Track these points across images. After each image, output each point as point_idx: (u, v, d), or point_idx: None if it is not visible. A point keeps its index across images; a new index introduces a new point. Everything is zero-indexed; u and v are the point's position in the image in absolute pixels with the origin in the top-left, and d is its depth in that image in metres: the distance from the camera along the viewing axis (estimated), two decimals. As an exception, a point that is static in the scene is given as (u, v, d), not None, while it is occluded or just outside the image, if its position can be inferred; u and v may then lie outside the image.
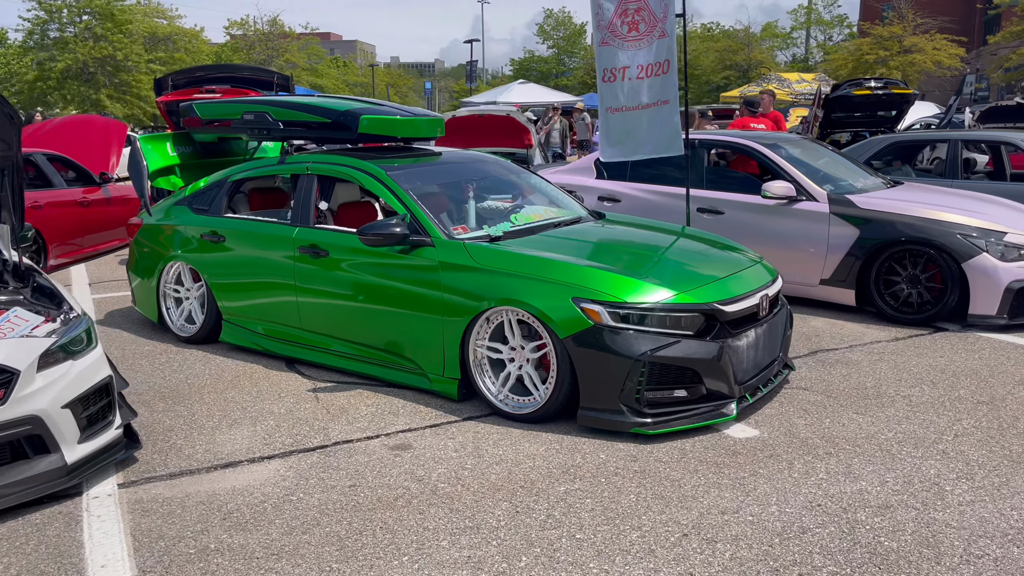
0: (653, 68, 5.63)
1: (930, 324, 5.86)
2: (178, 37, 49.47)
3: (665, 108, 5.71)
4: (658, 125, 5.76)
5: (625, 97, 5.85)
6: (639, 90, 5.75)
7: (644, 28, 5.54)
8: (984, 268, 5.64)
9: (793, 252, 6.41)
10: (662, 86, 5.67)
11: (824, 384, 4.63)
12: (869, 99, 13.16)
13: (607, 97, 6.05)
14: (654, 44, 5.58)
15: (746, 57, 56.23)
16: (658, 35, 5.54)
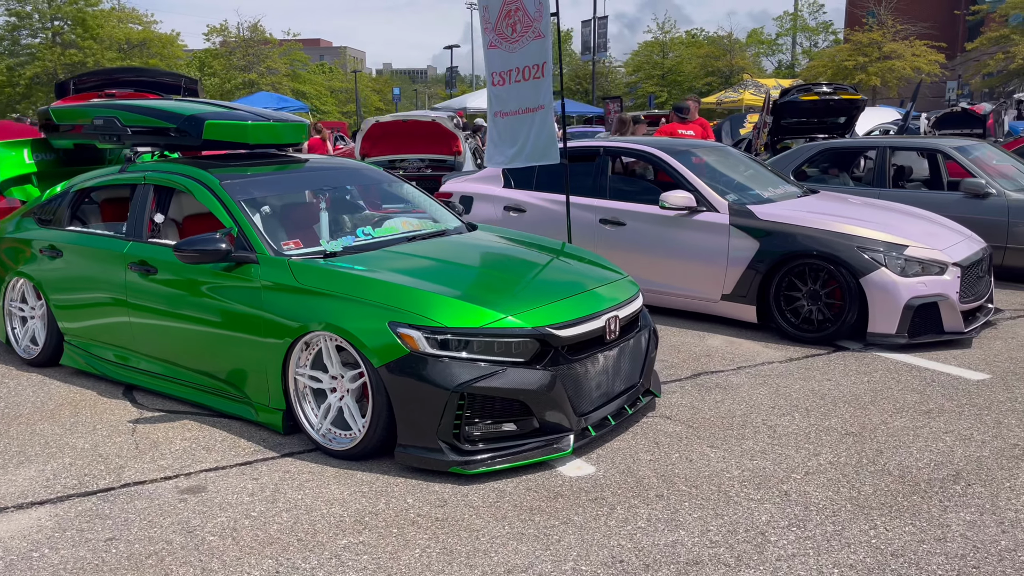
0: (531, 71, 5.28)
1: (831, 343, 5.52)
2: (152, 43, 48.94)
3: (540, 114, 5.36)
4: (535, 131, 5.41)
5: (509, 101, 5.51)
6: (519, 94, 5.41)
7: (520, 28, 5.20)
8: (882, 284, 5.30)
9: (694, 266, 6.07)
10: (537, 90, 5.33)
11: (690, 412, 4.28)
12: (817, 105, 12.87)
13: (495, 101, 5.70)
14: (529, 45, 5.23)
15: (728, 63, 56.24)
16: (533, 36, 5.20)
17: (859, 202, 6.54)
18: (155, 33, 49.45)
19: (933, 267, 5.37)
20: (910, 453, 3.69)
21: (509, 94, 5.47)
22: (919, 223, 5.97)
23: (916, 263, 5.35)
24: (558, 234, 6.76)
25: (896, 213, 6.21)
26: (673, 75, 59.62)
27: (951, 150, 7.74)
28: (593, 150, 6.85)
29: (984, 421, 4.06)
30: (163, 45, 49.43)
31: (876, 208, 6.32)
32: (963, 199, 7.48)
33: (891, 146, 8.14)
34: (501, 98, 5.58)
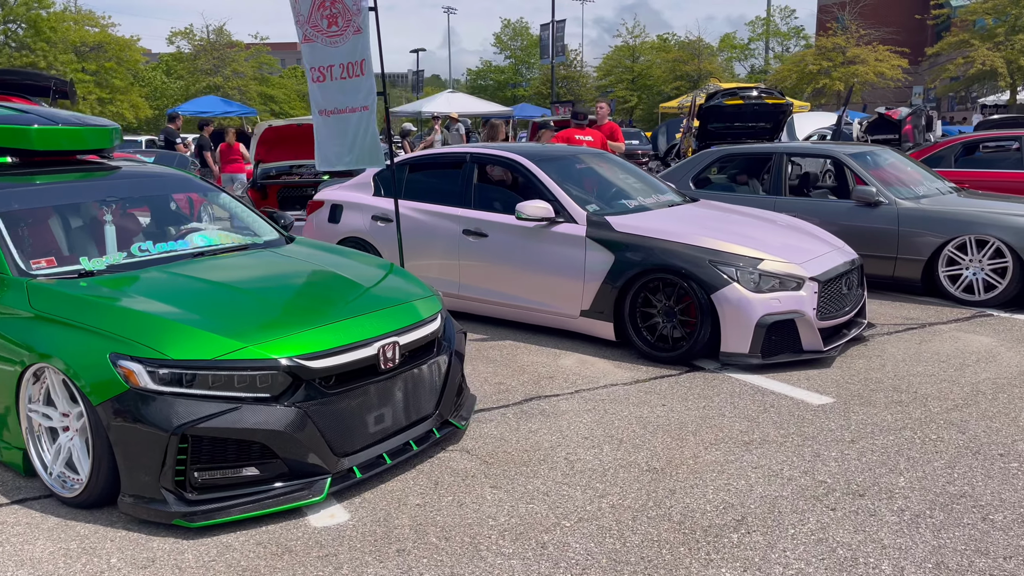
0: (353, 67, 4.91)
1: (687, 362, 5.19)
2: (110, 45, 48.00)
3: (365, 114, 4.99)
4: (360, 132, 5.04)
5: (332, 99, 5.13)
6: (343, 92, 5.03)
7: (341, 22, 4.82)
8: (733, 300, 4.97)
9: (553, 280, 5.71)
10: (359, 89, 4.95)
11: (494, 445, 3.91)
12: (743, 109, 12.65)
13: (318, 98, 5.31)
14: (349, 40, 4.85)
15: (696, 67, 56.37)
16: (353, 31, 4.82)
17: (735, 212, 6.23)
18: (112, 36, 48.49)
19: (790, 282, 5.05)
20: (704, 494, 3.34)
21: (332, 91, 5.09)
22: (787, 235, 5.65)
23: (772, 278, 5.03)
24: (424, 246, 6.41)
25: (766, 224, 5.90)
26: (643, 79, 59.72)
27: (844, 157, 7.46)
28: (460, 156, 6.49)
29: (802, 454, 3.73)
30: (120, 48, 48.50)
31: (747, 219, 6.01)
32: (855, 208, 7.20)
33: (787, 152, 7.85)
34: (324, 95, 5.19)
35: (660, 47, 62.75)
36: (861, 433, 3.96)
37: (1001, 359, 5.16)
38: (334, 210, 7.03)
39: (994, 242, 6.48)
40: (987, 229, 6.54)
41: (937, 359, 5.19)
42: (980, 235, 6.56)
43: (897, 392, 4.56)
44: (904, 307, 6.65)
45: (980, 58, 40.44)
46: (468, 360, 5.32)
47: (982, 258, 6.58)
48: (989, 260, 6.55)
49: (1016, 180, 9.13)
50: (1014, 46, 40.18)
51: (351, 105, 5.04)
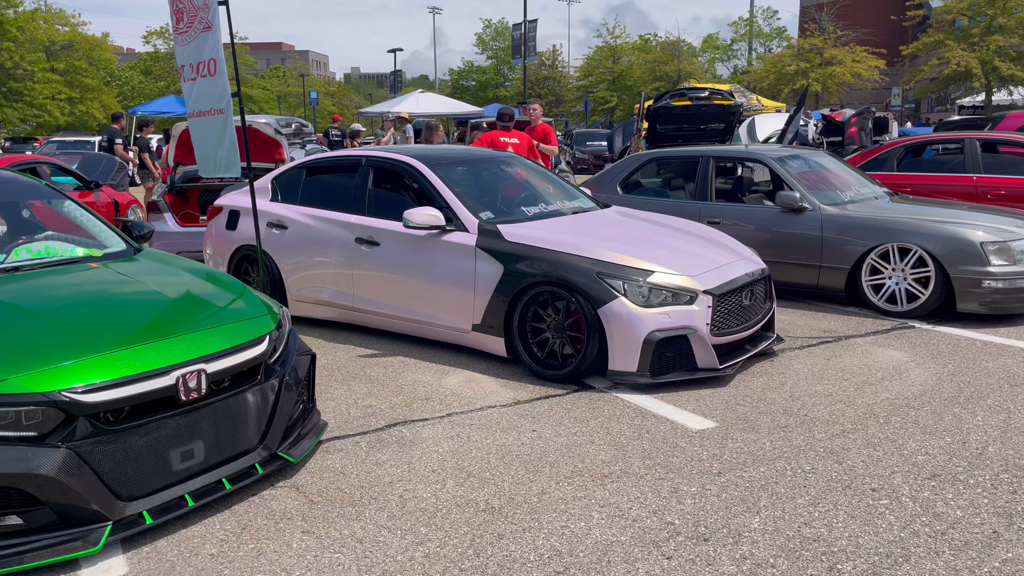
0: (204, 67, 4.56)
1: (578, 380, 4.87)
2: (80, 44, 47.28)
3: (220, 119, 4.64)
4: (217, 137, 4.69)
5: (198, 100, 4.77)
6: (203, 92, 4.68)
7: (187, 18, 4.47)
8: (620, 315, 4.65)
9: (444, 292, 5.37)
10: (212, 91, 4.61)
11: (329, 480, 3.57)
12: (689, 111, 12.39)
13: (189, 99, 4.95)
14: (198, 38, 4.50)
15: (676, 68, 56.30)
16: (202, 27, 4.47)
17: (642, 221, 5.91)
18: (82, 35, 47.78)
19: (682, 295, 4.73)
20: (535, 539, 3.02)
21: (196, 92, 4.74)
22: (690, 245, 5.34)
23: (663, 291, 4.71)
24: (318, 255, 6.04)
25: (671, 234, 5.58)
26: (623, 80, 59.60)
27: (771, 160, 7.16)
28: (356, 160, 6.13)
29: (660, 489, 3.41)
30: (91, 47, 47.79)
31: (652, 228, 5.70)
32: (780, 214, 6.91)
33: (714, 156, 7.55)
34: (192, 96, 4.84)
35: (641, 48, 62.71)
36: (732, 463, 3.65)
37: (907, 377, 4.86)
38: (231, 216, 6.66)
39: (916, 250, 6.20)
40: (909, 237, 6.25)
41: (841, 377, 4.89)
42: (902, 243, 6.27)
43: (787, 415, 4.26)
44: (825, 318, 6.36)
45: (955, 59, 40.44)
46: (344, 380, 4.98)
47: (904, 267, 6.30)
48: (912, 269, 6.27)
49: (959, 184, 8.89)
50: (989, 47, 40.20)
51: (214, 107, 4.69)
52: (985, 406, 4.32)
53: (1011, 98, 42.89)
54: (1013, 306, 6.02)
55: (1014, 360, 5.13)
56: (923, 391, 4.60)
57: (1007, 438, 3.87)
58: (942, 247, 6.10)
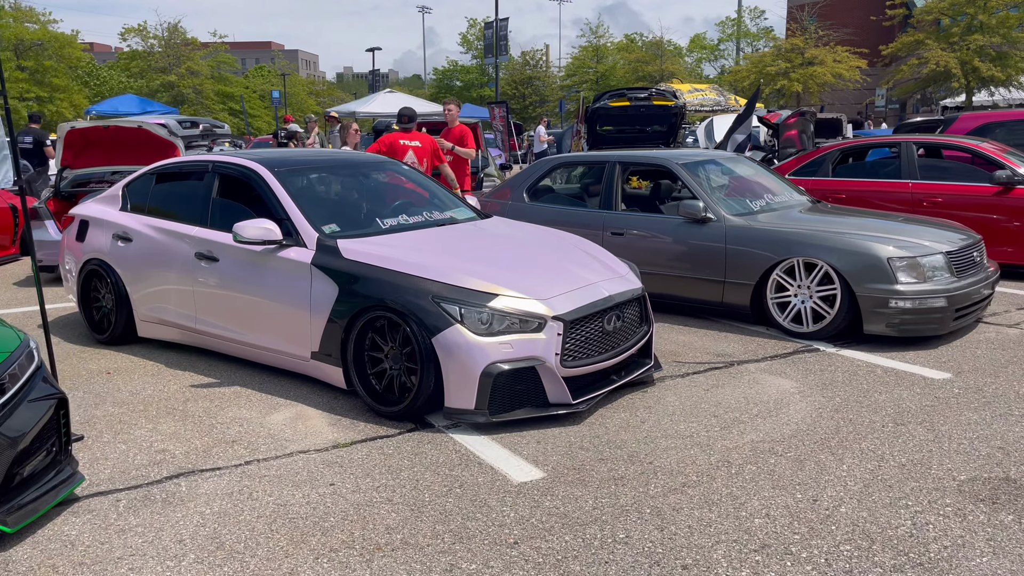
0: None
1: (417, 417, 4.32)
2: (49, 43, 46.47)
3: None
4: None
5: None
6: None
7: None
8: (455, 345, 4.10)
9: (281, 315, 4.80)
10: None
11: (47, 555, 2.98)
12: (629, 112, 11.85)
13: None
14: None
15: (658, 68, 55.95)
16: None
17: (512, 234, 5.36)
18: (53, 33, 46.96)
19: (529, 322, 4.19)
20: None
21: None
22: (554, 262, 4.78)
23: (506, 317, 4.16)
24: (161, 272, 5.46)
25: (538, 250, 5.03)
26: (606, 80, 59.17)
27: (676, 166, 6.63)
28: (202, 166, 5.56)
29: (432, 568, 2.86)
30: (60, 46, 46.93)
31: (518, 242, 5.15)
32: (684, 224, 6.37)
33: (620, 161, 7.00)
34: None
35: (624, 48, 62.34)
36: (536, 529, 3.11)
37: (786, 412, 4.34)
38: (81, 227, 6.09)
39: (822, 266, 5.67)
40: (815, 251, 5.73)
41: (713, 412, 4.36)
42: (808, 258, 5.74)
43: (629, 463, 3.72)
44: (726, 340, 5.83)
45: (933, 59, 40.05)
46: (156, 416, 4.42)
47: (810, 284, 5.78)
48: (818, 287, 5.74)
49: (895, 191, 8.40)
50: (969, 46, 39.82)
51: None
52: (858, 451, 3.80)
53: (992, 99, 42.54)
54: (924, 328, 5.50)
55: (910, 392, 4.61)
56: (796, 431, 4.07)
57: (867, 495, 3.34)
58: (848, 263, 5.57)
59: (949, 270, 5.59)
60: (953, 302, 5.48)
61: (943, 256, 5.59)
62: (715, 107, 28.97)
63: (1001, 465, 3.60)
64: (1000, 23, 39.75)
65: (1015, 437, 3.92)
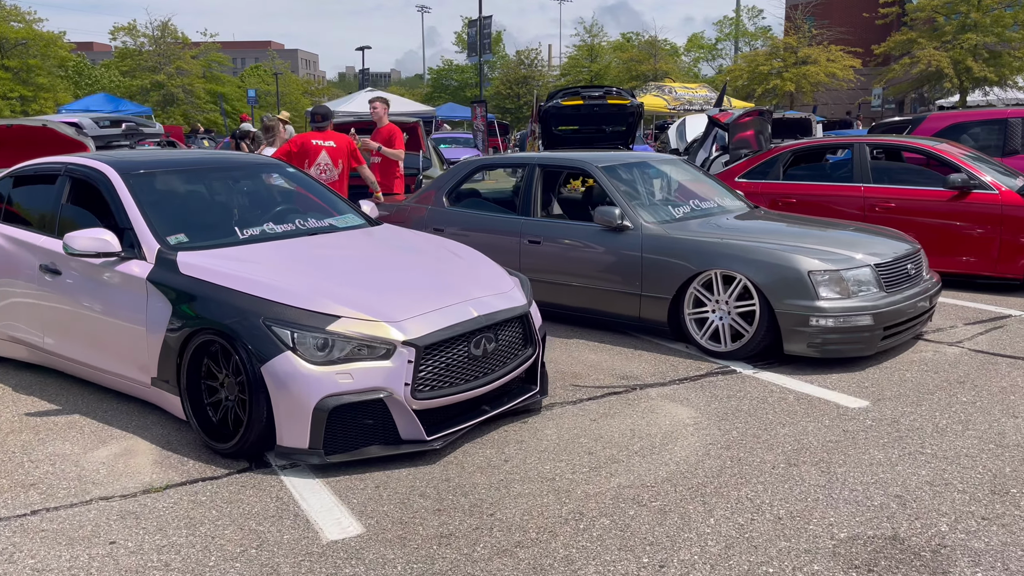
0: None
1: (255, 455, 3.83)
2: (34, 42, 46.01)
3: None
4: None
5: None
6: None
7: None
8: (284, 375, 3.60)
9: (120, 335, 4.29)
10: None
11: None
12: (582, 111, 11.36)
13: None
14: None
15: (652, 67, 55.54)
16: None
17: (388, 244, 4.86)
18: (37, 32, 46.50)
19: (376, 348, 3.69)
20: None
21: None
22: (424, 277, 4.28)
23: (349, 342, 3.65)
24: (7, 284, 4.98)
25: (414, 261, 4.55)
26: (600, 79, 58.76)
27: (595, 169, 6.13)
28: (56, 169, 5.06)
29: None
30: (45, 45, 46.44)
31: (391, 254, 4.67)
32: (601, 232, 5.88)
33: (540, 164, 6.51)
34: None
35: (619, 47, 61.91)
36: (318, 606, 2.62)
37: (672, 447, 3.84)
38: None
39: (740, 279, 5.18)
40: (732, 263, 5.23)
41: (591, 447, 3.87)
42: (726, 270, 5.25)
43: (468, 515, 3.22)
44: (638, 359, 5.34)
45: (925, 58, 39.48)
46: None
47: (728, 299, 5.28)
48: (736, 302, 5.25)
49: (846, 195, 7.90)
50: (962, 45, 39.22)
51: None
52: (734, 499, 3.30)
53: (986, 99, 41.92)
54: (848, 348, 5.01)
55: (817, 424, 4.12)
56: (673, 472, 3.58)
57: (724, 559, 2.85)
58: (767, 276, 5.07)
59: (878, 284, 5.09)
60: (881, 320, 4.98)
61: (871, 269, 5.09)
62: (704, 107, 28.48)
63: (892, 519, 3.11)
64: (995, 22, 39.21)
65: (918, 482, 3.43)
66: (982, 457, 3.67)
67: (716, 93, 33.51)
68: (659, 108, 33.12)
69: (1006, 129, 9.88)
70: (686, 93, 35.85)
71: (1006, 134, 9.88)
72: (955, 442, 3.84)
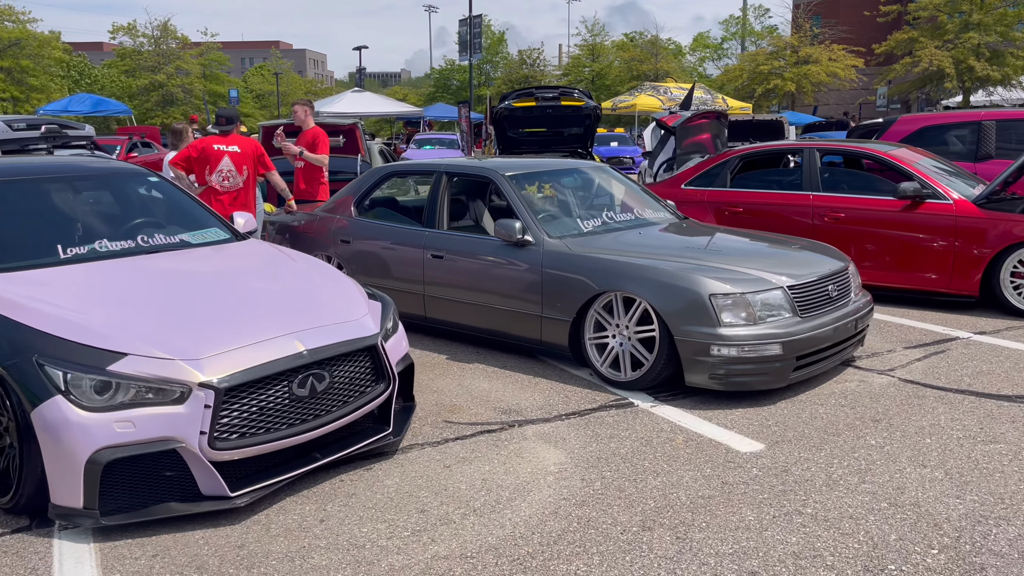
0: None
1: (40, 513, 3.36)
2: (27, 42, 45.82)
3: None
4: None
5: None
6: None
7: None
8: (55, 422, 3.10)
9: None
10: None
11: None
12: (534, 112, 10.85)
13: None
14: None
15: (653, 67, 54.98)
16: None
17: (235, 262, 4.38)
18: (31, 32, 46.30)
19: (168, 390, 3.20)
20: None
21: None
22: (249, 303, 3.78)
23: (134, 385, 3.17)
24: None
25: (254, 283, 4.07)
26: (601, 79, 58.21)
27: (500, 177, 5.62)
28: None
29: None
30: (39, 45, 46.24)
31: (221, 275, 4.18)
32: (503, 246, 5.38)
33: (447, 172, 6.01)
34: None
35: (621, 46, 61.35)
36: None
37: (518, 504, 3.34)
38: None
39: (640, 302, 4.67)
40: (633, 284, 4.71)
41: (427, 504, 3.36)
42: (627, 292, 4.74)
43: (239, 594, 2.74)
44: (531, 389, 4.83)
45: (926, 58, 38.70)
46: None
47: (628, 323, 4.77)
48: (637, 327, 4.74)
49: (795, 204, 7.36)
50: (964, 44, 38.41)
51: None
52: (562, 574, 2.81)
53: (989, 99, 41.08)
54: (755, 381, 4.48)
55: (695, 474, 3.61)
56: (507, 537, 3.07)
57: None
58: (666, 299, 4.55)
59: (791, 308, 4.56)
60: (792, 349, 4.45)
61: (782, 292, 4.56)
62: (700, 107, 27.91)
63: (735, 607, 2.61)
64: (998, 20, 38.38)
65: (782, 554, 2.92)
66: (868, 520, 3.15)
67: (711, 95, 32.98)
68: (654, 108, 32.58)
69: (979, 132, 9.32)
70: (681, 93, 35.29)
71: (979, 138, 9.32)
72: (843, 499, 3.33)
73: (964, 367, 5.10)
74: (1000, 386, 4.72)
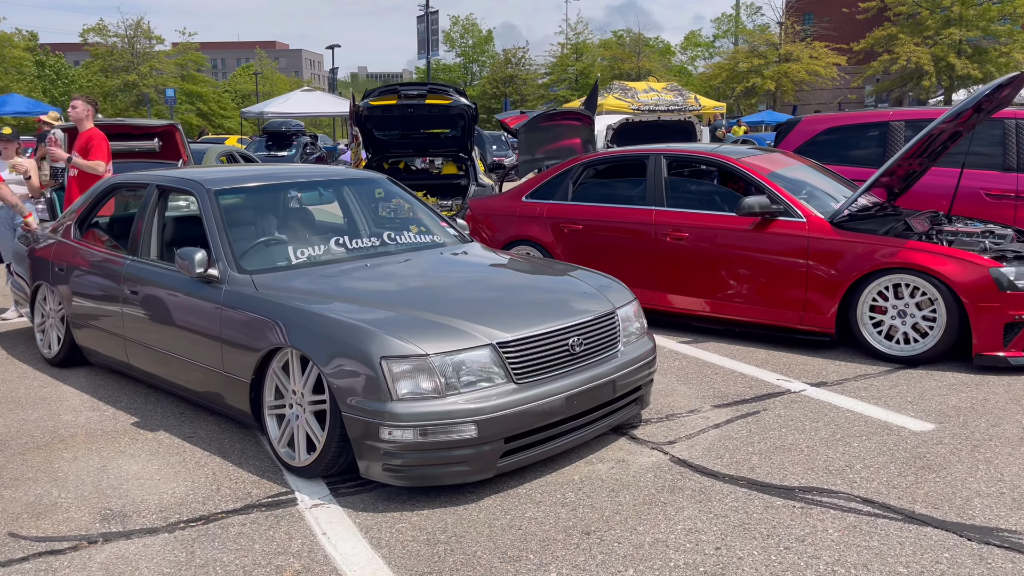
0: None
1: None
2: (-12, 44, 44.74)
3: None
4: None
5: None
6: None
7: None
8: None
9: None
10: None
11: None
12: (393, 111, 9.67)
13: None
14: None
15: (635, 65, 53.96)
16: None
17: None
18: (-7, 32, 45.22)
19: None
20: None
21: None
22: None
23: None
24: None
25: None
26: (584, 78, 57.16)
27: (203, 191, 4.45)
28: None
29: None
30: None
31: None
32: (188, 281, 4.21)
33: (158, 184, 4.86)
34: None
35: (605, 45, 60.32)
36: None
37: None
38: None
39: (313, 364, 3.53)
40: (305, 340, 3.53)
41: None
42: (300, 348, 3.59)
43: None
44: (189, 474, 3.69)
45: (904, 54, 37.47)
46: None
47: (304, 389, 3.63)
48: (313, 395, 3.59)
49: (637, 221, 6.19)
50: (945, 41, 37.14)
51: None
52: None
53: (971, 97, 39.85)
54: (442, 474, 3.31)
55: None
56: None
57: None
58: (331, 360, 3.41)
59: (505, 374, 3.42)
60: (495, 429, 3.30)
61: (490, 351, 3.41)
62: (670, 108, 26.72)
63: None
64: (980, 15, 37.10)
65: None
66: None
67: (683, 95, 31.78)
68: (622, 110, 31.46)
69: (887, 134, 8.20)
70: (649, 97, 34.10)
71: (887, 140, 8.20)
72: None
73: (766, 438, 3.97)
74: (791, 471, 3.58)
